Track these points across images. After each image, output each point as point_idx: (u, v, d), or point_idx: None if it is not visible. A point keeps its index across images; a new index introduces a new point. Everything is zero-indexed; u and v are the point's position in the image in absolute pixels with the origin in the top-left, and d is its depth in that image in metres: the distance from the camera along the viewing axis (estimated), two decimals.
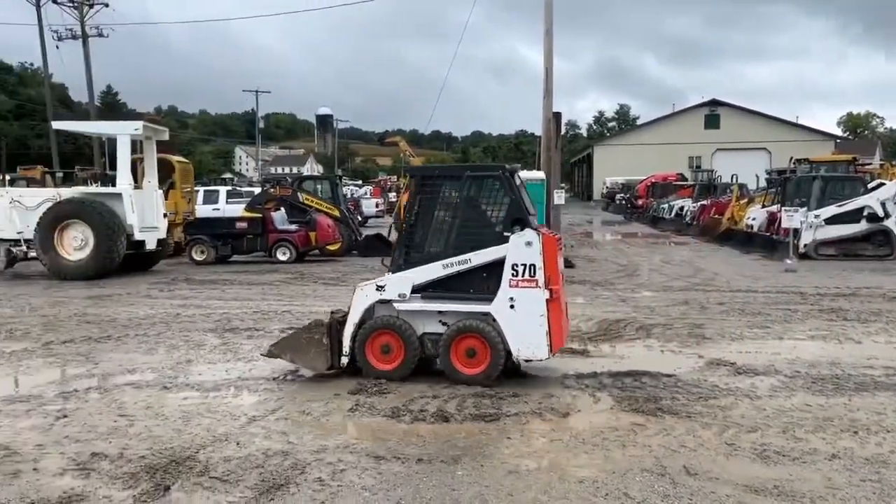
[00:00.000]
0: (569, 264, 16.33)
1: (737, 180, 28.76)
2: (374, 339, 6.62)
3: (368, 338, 6.62)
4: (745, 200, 24.88)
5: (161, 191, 16.24)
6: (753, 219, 21.62)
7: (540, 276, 6.27)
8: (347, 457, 4.81)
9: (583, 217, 40.41)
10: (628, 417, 5.68)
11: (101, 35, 37.13)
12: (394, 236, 21.08)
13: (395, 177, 66.00)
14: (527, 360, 6.69)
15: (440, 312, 6.60)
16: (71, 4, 36.21)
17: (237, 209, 21.67)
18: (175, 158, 19.29)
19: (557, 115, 21.92)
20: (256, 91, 71.36)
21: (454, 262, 6.45)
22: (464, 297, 6.53)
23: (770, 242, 18.85)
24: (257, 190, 25.72)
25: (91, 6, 36.63)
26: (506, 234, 6.39)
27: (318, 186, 21.56)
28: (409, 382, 6.58)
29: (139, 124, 15.48)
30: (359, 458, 4.80)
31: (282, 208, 18.77)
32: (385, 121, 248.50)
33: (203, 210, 22.48)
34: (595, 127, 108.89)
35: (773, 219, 19.99)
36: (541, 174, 21.73)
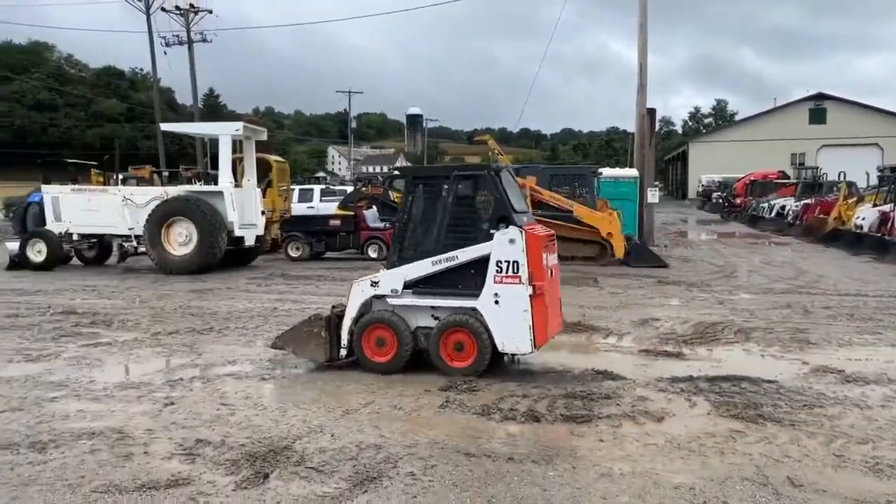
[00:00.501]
0: (662, 265, 15.91)
1: (845, 178, 27.22)
2: (370, 333, 6.90)
3: (364, 331, 6.91)
4: (854, 199, 23.54)
5: (259, 189, 16.85)
6: (863, 218, 20.41)
7: (523, 272, 6.44)
8: (438, 453, 4.85)
9: (677, 216, 39.26)
10: (726, 423, 5.47)
11: (204, 40, 38.85)
12: None
13: None
14: (512, 354, 6.86)
15: (432, 307, 6.85)
16: (178, 12, 38.04)
17: (331, 207, 22.22)
18: (272, 158, 19.98)
19: (651, 112, 21.41)
20: (349, 92, 73.10)
21: (442, 259, 6.70)
22: (453, 292, 6.75)
23: (882, 244, 17.76)
24: (350, 188, 26.30)
25: (196, 13, 38.38)
26: (492, 231, 6.56)
27: None
28: (498, 381, 6.57)
29: (240, 125, 16.11)
30: (450, 454, 4.83)
31: (373, 206, 19.11)
32: (474, 119, 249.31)
33: (298, 208, 23.17)
34: (690, 123, 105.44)
35: (885, 219, 18.83)
36: (633, 172, 21.29)
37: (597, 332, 8.97)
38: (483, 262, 6.57)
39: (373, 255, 17.96)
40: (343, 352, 7.00)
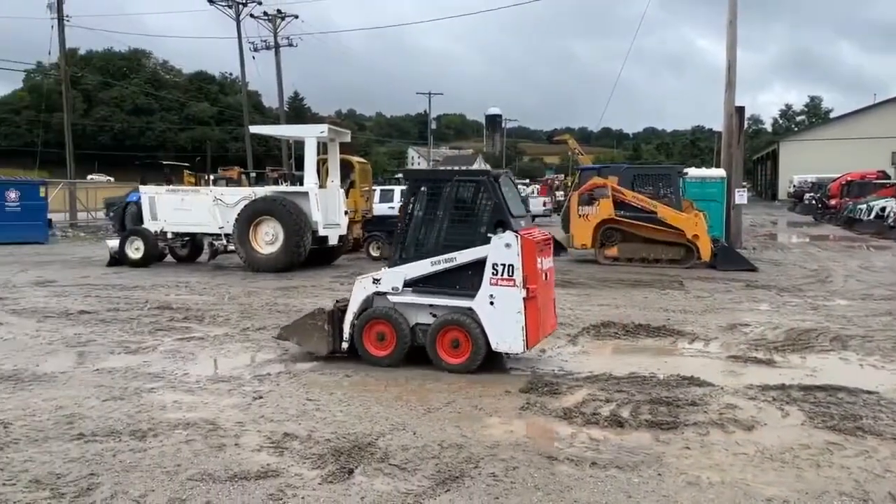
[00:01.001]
0: (751, 268, 15.36)
1: None
2: (371, 328, 7.17)
3: (365, 326, 7.18)
4: None
5: (342, 190, 17.19)
6: None
7: (518, 276, 6.67)
8: (520, 455, 4.83)
9: (766, 217, 37.81)
10: (822, 435, 5.24)
11: (290, 45, 40.04)
12: (561, 235, 20.94)
13: (563, 175, 65.39)
14: (505, 353, 7.05)
15: (430, 305, 7.07)
16: (266, 18, 39.31)
17: None
18: (355, 159, 20.35)
19: (740, 110, 20.70)
20: (429, 93, 73.72)
21: (441, 260, 6.95)
22: (450, 292, 7.00)
23: None
24: None
25: (283, 18, 39.57)
26: (489, 235, 6.77)
27: None
28: (579, 386, 6.51)
29: (325, 127, 16.49)
30: (531, 456, 4.80)
31: None
32: (554, 119, 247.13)
33: (379, 208, 23.53)
34: (781, 121, 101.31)
35: None
36: (720, 172, 20.61)
37: (682, 337, 8.74)
38: (480, 264, 6.80)
39: None
40: (345, 345, 7.30)
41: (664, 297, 11.82)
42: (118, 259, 16.33)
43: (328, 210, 16.15)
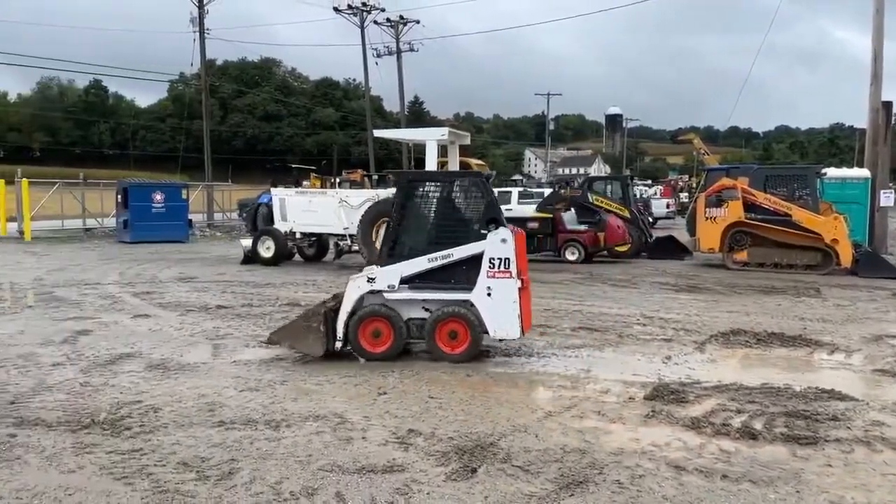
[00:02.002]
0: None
1: None
2: (367, 326, 7.36)
3: (361, 324, 7.36)
4: None
5: None
6: None
7: (513, 267, 7.17)
8: (646, 463, 4.71)
9: None
10: None
11: (412, 50, 40.90)
12: (685, 238, 20.22)
13: (687, 176, 63.07)
14: (501, 340, 7.61)
15: (424, 300, 7.40)
16: (388, 24, 40.36)
17: (528, 209, 22.39)
18: (474, 161, 20.53)
19: (887, 105, 19.25)
20: (547, 94, 73.01)
21: (438, 257, 7.27)
22: (446, 286, 7.37)
23: None
24: (547, 191, 26.30)
25: (405, 24, 40.49)
26: (482, 231, 7.25)
27: (608, 187, 21.41)
28: (708, 395, 6.26)
29: (445, 130, 16.71)
30: (658, 465, 4.67)
31: (571, 209, 18.98)
32: (677, 118, 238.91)
33: None
34: None
35: None
36: (864, 172, 19.26)
37: (820, 348, 8.22)
38: (475, 259, 7.25)
39: (570, 257, 17.84)
40: (338, 344, 7.43)
41: (799, 305, 11.16)
42: (251, 257, 17.26)
43: None
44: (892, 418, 5.64)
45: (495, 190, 26.98)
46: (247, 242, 17.97)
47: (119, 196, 25.03)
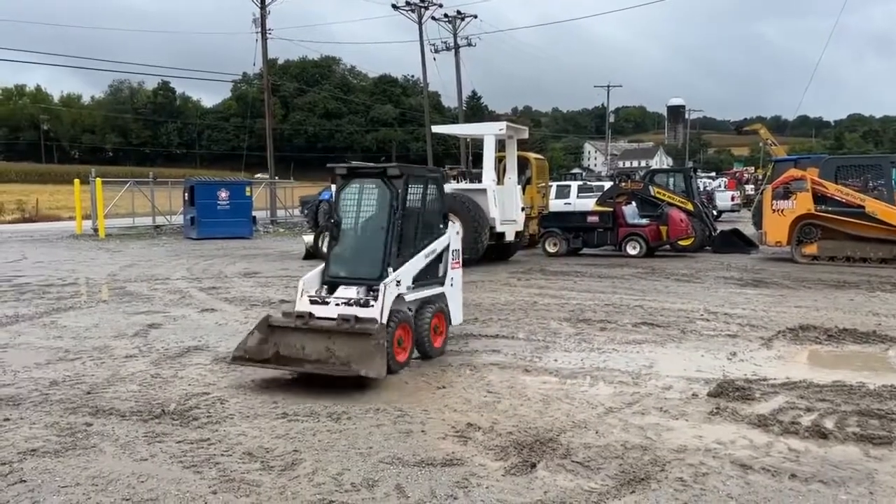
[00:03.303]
0: None
1: None
2: (395, 334, 6.75)
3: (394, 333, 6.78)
4: None
5: (519, 186, 17.29)
6: None
7: (460, 257, 7.85)
8: (710, 461, 4.61)
9: None
10: None
11: (469, 45, 40.87)
12: (751, 232, 19.65)
13: (753, 167, 61.24)
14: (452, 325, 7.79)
15: (422, 299, 7.30)
16: (446, 20, 40.42)
17: (588, 203, 22.14)
18: (533, 156, 20.39)
19: None
20: (608, 86, 71.91)
21: (429, 253, 7.28)
22: (429, 282, 7.43)
23: None
24: (607, 184, 25.96)
25: (462, 19, 40.48)
26: (441, 225, 7.59)
27: (671, 179, 21.00)
28: (775, 392, 6.08)
29: (503, 125, 16.67)
30: (722, 463, 4.57)
31: (633, 202, 18.68)
32: (742, 108, 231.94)
33: (555, 204, 23.40)
34: None
35: None
36: None
37: None
38: (441, 252, 7.49)
39: (632, 251, 17.57)
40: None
41: (874, 300, 10.72)
42: (313, 253, 17.58)
43: (505, 206, 16.33)
44: None
45: (554, 184, 26.78)
46: (308, 238, 18.31)
47: (186, 194, 25.86)
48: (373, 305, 6.62)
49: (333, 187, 18.75)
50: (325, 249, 17.20)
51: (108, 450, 4.91)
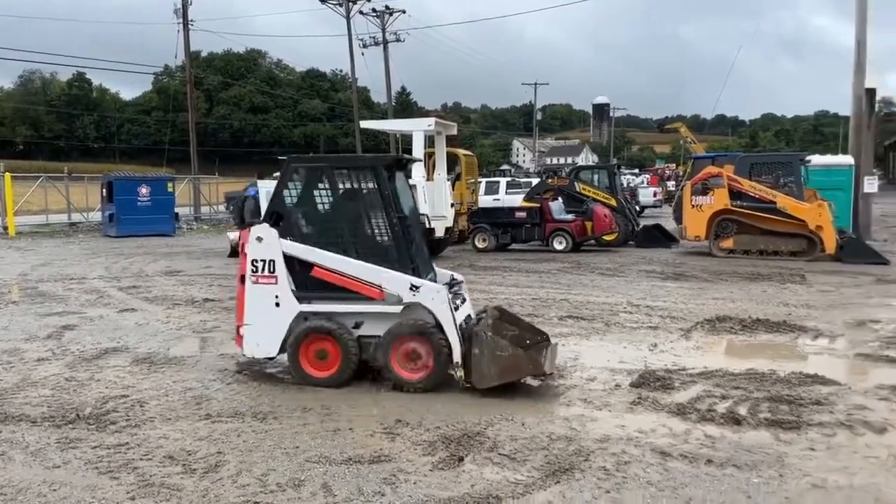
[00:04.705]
0: (882, 261, 14.38)
1: None
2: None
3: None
4: None
5: (449, 182, 17.35)
6: None
7: None
8: (632, 450, 4.75)
9: None
10: None
11: (398, 40, 40.71)
12: (672, 227, 20.30)
13: (674, 164, 63.27)
14: None
15: None
16: (374, 14, 40.13)
17: (516, 199, 22.40)
18: (462, 152, 20.47)
19: (870, 92, 19.35)
20: (535, 83, 72.79)
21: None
22: None
23: None
24: (535, 181, 26.34)
25: (391, 14, 40.27)
26: None
27: (595, 176, 21.46)
28: (693, 382, 6.31)
29: (432, 121, 16.69)
30: (643, 452, 4.71)
31: (559, 198, 19.01)
32: (664, 107, 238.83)
33: (484, 200, 23.59)
34: None
35: None
36: (848, 159, 19.39)
37: (805, 333, 8.30)
38: None
39: (558, 246, 17.88)
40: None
41: (784, 292, 11.24)
42: (238, 250, 17.18)
43: (435, 202, 16.35)
44: (874, 402, 5.70)
45: (483, 180, 26.91)
46: (234, 235, 17.87)
47: (104, 190, 24.84)
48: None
49: (259, 182, 18.46)
50: None
51: (17, 458, 4.68)
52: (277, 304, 6.25)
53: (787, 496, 4.04)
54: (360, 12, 39.58)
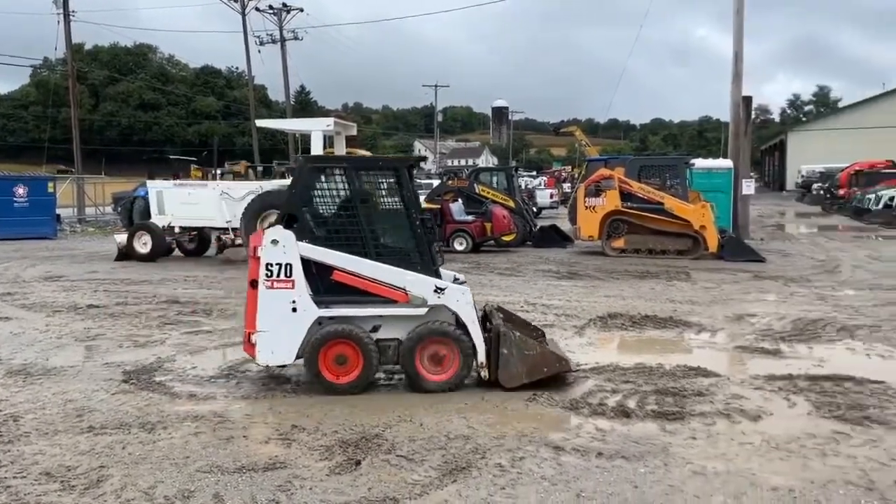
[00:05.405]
0: (759, 259, 15.32)
1: None
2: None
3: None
4: None
5: None
6: None
7: None
8: (527, 446, 4.85)
9: (774, 208, 37.60)
10: (829, 425, 5.24)
11: (296, 38, 40.02)
12: (568, 227, 20.92)
13: (570, 167, 65.18)
14: None
15: None
16: (271, 11, 39.29)
17: None
18: (361, 152, 20.31)
19: (747, 100, 20.61)
20: (435, 85, 73.37)
21: None
22: None
23: None
24: (436, 182, 26.50)
25: (288, 12, 39.53)
26: None
27: (494, 178, 21.81)
28: (586, 377, 6.52)
29: (331, 121, 16.48)
30: (538, 447, 4.82)
31: (459, 199, 19.21)
32: (561, 111, 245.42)
33: None
34: (789, 111, 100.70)
35: None
36: (728, 163, 20.56)
37: (689, 328, 8.74)
38: None
39: (458, 247, 18.07)
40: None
41: (671, 289, 11.80)
42: (126, 253, 16.40)
43: None
44: (749, 391, 6.07)
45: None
46: (121, 238, 17.05)
47: None
48: None
49: (149, 183, 17.68)
50: (140, 249, 16.23)
51: None
52: (294, 310, 5.99)
53: (671, 484, 4.24)
54: (257, 9, 38.69)
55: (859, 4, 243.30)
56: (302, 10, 39.70)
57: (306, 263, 6.01)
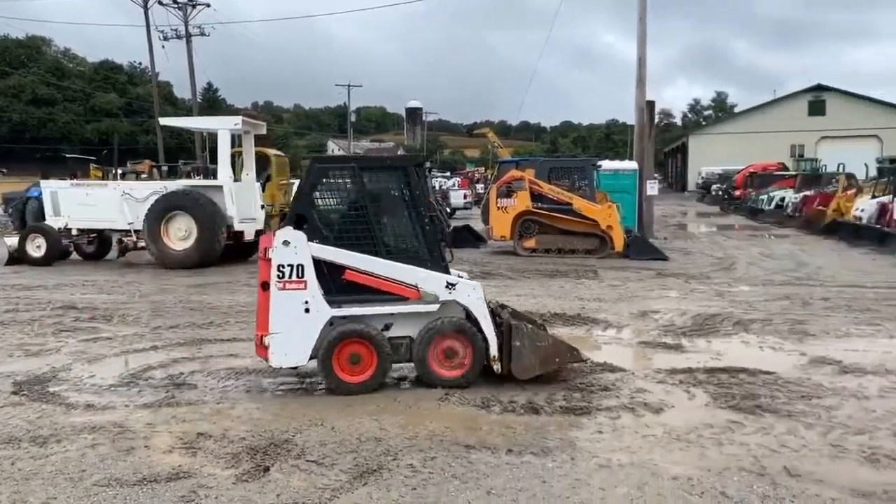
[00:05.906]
0: (662, 257, 15.93)
1: (844, 169, 27.24)
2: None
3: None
4: (853, 191, 23.55)
5: (259, 183, 16.83)
6: (862, 210, 20.43)
7: None
8: (438, 445, 4.87)
9: (676, 209, 39.26)
10: (725, 415, 5.50)
11: (202, 34, 38.80)
12: (480, 227, 21.16)
13: (483, 168, 65.98)
14: None
15: None
16: (175, 6, 37.95)
17: None
18: (272, 152, 19.95)
19: (650, 104, 21.39)
20: (348, 85, 72.80)
21: None
22: None
23: (880, 235, 17.77)
24: None
25: (194, 7, 38.29)
26: None
27: None
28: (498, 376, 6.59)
29: (238, 119, 16.08)
30: (449, 446, 4.85)
31: None
32: (474, 112, 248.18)
33: None
34: (690, 115, 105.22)
35: (884, 210, 18.88)
36: (633, 164, 21.30)
37: (596, 325, 9.00)
38: None
39: None
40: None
41: (579, 287, 12.12)
42: (17, 257, 15.49)
43: (244, 204, 15.78)
44: (652, 385, 6.31)
45: (296, 182, 26.35)
46: (12, 241, 16.09)
47: None
48: None
49: (43, 182, 16.75)
50: (33, 253, 15.34)
51: None
52: (307, 310, 5.90)
53: (577, 478, 4.35)
54: (160, 2, 37.26)
55: (754, 14, 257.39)
56: (209, 6, 38.54)
57: (317, 264, 5.98)
